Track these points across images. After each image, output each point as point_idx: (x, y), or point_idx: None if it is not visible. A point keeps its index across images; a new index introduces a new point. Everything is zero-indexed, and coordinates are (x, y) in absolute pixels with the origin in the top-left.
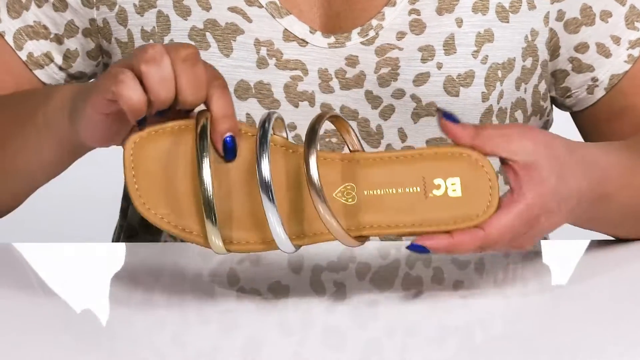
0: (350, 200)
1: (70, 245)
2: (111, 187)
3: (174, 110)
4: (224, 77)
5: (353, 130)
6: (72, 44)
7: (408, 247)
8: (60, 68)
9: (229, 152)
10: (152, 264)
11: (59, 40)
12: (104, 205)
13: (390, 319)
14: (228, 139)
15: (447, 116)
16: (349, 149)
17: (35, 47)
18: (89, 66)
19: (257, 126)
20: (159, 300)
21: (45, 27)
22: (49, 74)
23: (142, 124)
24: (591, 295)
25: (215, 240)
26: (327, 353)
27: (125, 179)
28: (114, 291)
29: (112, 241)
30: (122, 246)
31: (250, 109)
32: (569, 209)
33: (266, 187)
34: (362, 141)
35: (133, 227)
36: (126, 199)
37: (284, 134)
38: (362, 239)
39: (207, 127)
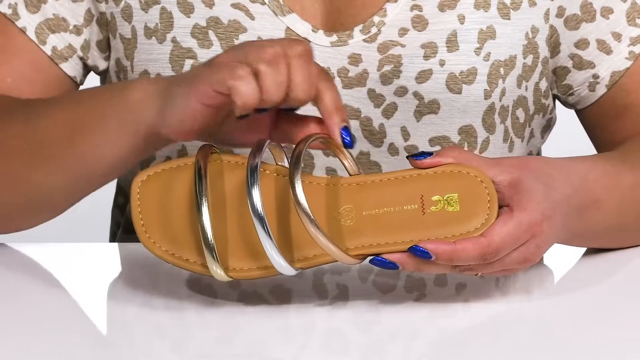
0: (349, 221)
1: (69, 245)
2: (107, 187)
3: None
4: (330, 73)
5: (349, 151)
6: (87, 34)
7: (371, 262)
8: (81, 58)
9: (347, 142)
10: (152, 266)
11: (78, 31)
12: (101, 205)
13: (392, 323)
14: (344, 131)
15: (417, 156)
16: (348, 173)
17: (59, 40)
18: (98, 58)
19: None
20: (158, 304)
21: (64, 20)
22: (73, 66)
23: (244, 117)
24: (594, 298)
25: (217, 270)
26: (329, 357)
27: (132, 216)
28: (113, 293)
29: (109, 237)
30: (121, 247)
31: None
32: (563, 213)
33: (259, 218)
34: (357, 163)
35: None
36: (122, 195)
37: (285, 162)
38: (361, 256)
39: (205, 170)
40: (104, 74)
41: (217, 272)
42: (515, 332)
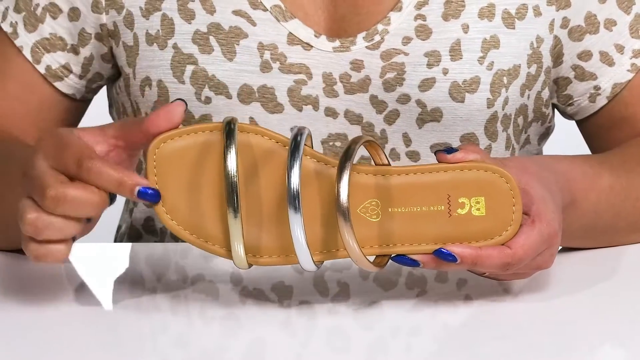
0: (374, 217)
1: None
2: None
3: None
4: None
5: (384, 152)
6: (87, 51)
7: (393, 259)
8: (80, 77)
9: (150, 197)
10: (155, 265)
11: (75, 50)
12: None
13: (394, 319)
14: (142, 190)
15: (448, 151)
16: (375, 162)
17: (53, 60)
18: (105, 69)
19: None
20: (161, 302)
21: (61, 39)
22: (69, 85)
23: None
24: (596, 294)
25: (237, 244)
26: (331, 354)
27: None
28: (116, 293)
29: (114, 240)
30: (124, 247)
31: (254, 113)
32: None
33: (294, 197)
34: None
35: (137, 230)
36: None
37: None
38: (381, 263)
39: (234, 126)
40: (111, 82)
41: (237, 246)
42: (517, 327)
